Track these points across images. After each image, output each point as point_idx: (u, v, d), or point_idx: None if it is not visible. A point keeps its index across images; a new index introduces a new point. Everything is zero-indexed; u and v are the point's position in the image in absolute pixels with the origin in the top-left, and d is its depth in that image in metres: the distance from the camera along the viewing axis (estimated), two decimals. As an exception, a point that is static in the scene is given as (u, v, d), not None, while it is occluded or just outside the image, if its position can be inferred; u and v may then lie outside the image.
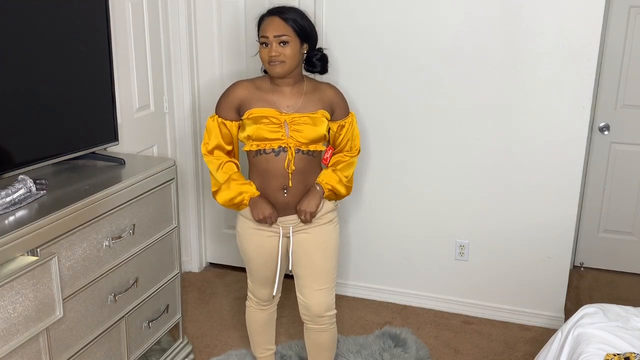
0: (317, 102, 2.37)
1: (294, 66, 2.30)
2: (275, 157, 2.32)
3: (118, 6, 2.91)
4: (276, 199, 2.37)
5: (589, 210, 3.85)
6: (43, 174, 2.30)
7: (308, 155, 2.35)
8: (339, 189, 2.44)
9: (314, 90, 2.39)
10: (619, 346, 2.06)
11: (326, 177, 2.42)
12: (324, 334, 2.53)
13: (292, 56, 2.27)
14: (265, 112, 2.30)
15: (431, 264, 3.40)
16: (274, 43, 2.26)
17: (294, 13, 2.31)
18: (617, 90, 3.61)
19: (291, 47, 2.27)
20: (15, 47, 2.09)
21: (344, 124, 2.44)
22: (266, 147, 2.31)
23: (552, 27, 2.90)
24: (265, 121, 2.29)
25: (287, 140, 2.30)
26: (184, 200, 3.67)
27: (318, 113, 2.35)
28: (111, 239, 2.25)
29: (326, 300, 2.47)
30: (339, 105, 2.43)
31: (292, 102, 2.34)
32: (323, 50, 2.43)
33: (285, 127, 2.30)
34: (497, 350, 3.07)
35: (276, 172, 2.34)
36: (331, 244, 2.48)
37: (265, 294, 2.58)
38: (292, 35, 2.27)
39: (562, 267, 3.20)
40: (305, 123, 2.31)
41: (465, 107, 3.12)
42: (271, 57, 2.26)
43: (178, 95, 3.52)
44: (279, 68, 2.27)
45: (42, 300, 1.90)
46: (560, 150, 3.04)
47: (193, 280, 3.72)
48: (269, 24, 2.28)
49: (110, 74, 2.53)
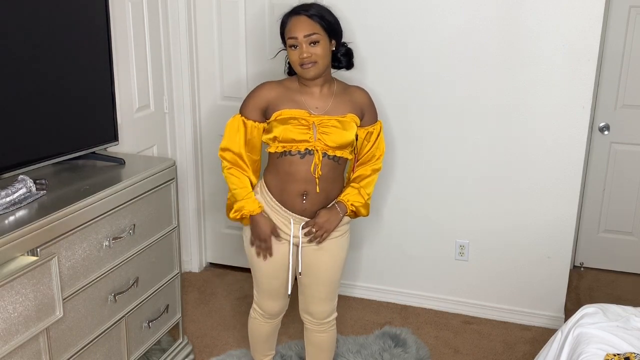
0: (348, 104, 2.27)
1: (325, 66, 2.21)
2: (300, 160, 2.21)
3: (118, 6, 2.91)
4: (294, 205, 2.28)
5: (589, 210, 3.85)
6: (43, 174, 2.30)
7: (333, 160, 2.25)
8: (361, 212, 2.36)
9: (344, 92, 2.30)
10: (619, 346, 2.06)
11: (352, 197, 2.32)
12: (324, 335, 2.53)
13: (324, 55, 2.18)
14: (295, 113, 2.20)
15: (431, 264, 3.40)
16: (304, 44, 2.15)
17: (320, 9, 2.21)
18: (617, 90, 3.61)
19: (322, 46, 2.17)
20: (16, 47, 2.08)
21: (372, 131, 2.34)
22: (292, 148, 2.21)
23: (553, 27, 2.90)
24: (294, 122, 2.19)
25: (315, 143, 2.19)
26: (184, 200, 3.67)
27: (347, 117, 2.25)
28: (111, 239, 2.25)
29: (329, 307, 2.47)
30: (369, 110, 2.33)
31: (321, 104, 2.24)
32: (347, 45, 2.33)
33: (313, 129, 2.20)
34: (497, 350, 3.07)
35: (298, 176, 2.23)
36: (342, 256, 2.41)
37: (272, 307, 2.47)
38: (321, 33, 2.16)
39: (562, 267, 3.20)
40: (333, 126, 2.20)
41: (466, 107, 3.12)
42: (303, 59, 2.15)
43: (178, 95, 3.52)
44: (313, 71, 2.17)
45: (42, 300, 1.90)
46: (560, 150, 3.04)
47: (193, 280, 3.72)
48: (297, 23, 2.16)
49: (110, 74, 2.53)
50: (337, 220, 2.30)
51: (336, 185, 2.34)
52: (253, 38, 3.42)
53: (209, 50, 3.52)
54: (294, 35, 2.16)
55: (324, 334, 2.52)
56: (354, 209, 2.33)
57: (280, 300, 2.46)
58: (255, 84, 3.44)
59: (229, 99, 3.54)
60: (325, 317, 2.47)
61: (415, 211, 3.35)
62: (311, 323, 2.50)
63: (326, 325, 2.50)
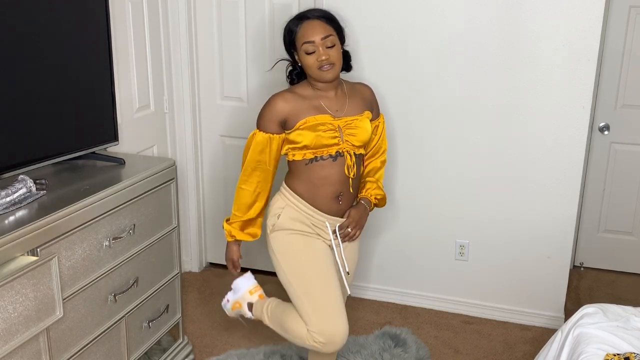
0: (361, 102, 2.32)
1: (340, 68, 2.24)
2: (333, 162, 2.22)
3: (118, 6, 2.91)
4: (330, 208, 2.28)
5: (589, 210, 3.85)
6: (43, 174, 2.30)
7: (358, 158, 2.31)
8: (381, 204, 2.46)
9: (354, 92, 2.34)
10: (619, 346, 2.06)
11: (374, 191, 2.41)
12: None
13: (340, 57, 2.21)
14: (320, 119, 2.20)
15: (431, 264, 3.40)
16: (321, 48, 2.15)
17: (327, 12, 2.24)
18: (617, 90, 3.61)
19: (337, 49, 2.20)
20: (16, 47, 2.08)
21: (378, 124, 2.42)
22: (323, 153, 2.21)
23: (553, 27, 2.90)
24: (323, 128, 2.19)
25: (343, 145, 2.22)
26: (184, 200, 3.67)
27: (364, 114, 2.30)
28: (111, 239, 2.25)
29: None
30: (375, 105, 2.41)
31: (339, 106, 2.26)
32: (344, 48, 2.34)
33: (339, 131, 2.21)
34: (497, 350, 3.07)
35: (332, 179, 2.24)
36: (357, 258, 2.52)
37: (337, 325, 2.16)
38: (335, 36, 2.20)
39: (562, 267, 3.20)
40: (357, 127, 2.24)
41: (466, 107, 3.12)
42: (322, 62, 2.15)
43: (178, 95, 3.52)
44: (332, 73, 2.18)
45: (42, 300, 1.90)
46: (560, 150, 3.04)
47: (193, 280, 3.72)
48: (311, 27, 2.16)
49: (110, 74, 2.53)
50: (366, 215, 2.39)
51: (360, 181, 2.41)
52: (253, 38, 3.42)
53: (209, 50, 3.52)
54: (310, 39, 2.15)
55: None
56: (376, 202, 2.42)
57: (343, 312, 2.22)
58: (255, 84, 3.48)
59: (229, 99, 3.54)
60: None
61: (415, 211, 3.35)
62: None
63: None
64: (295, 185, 2.28)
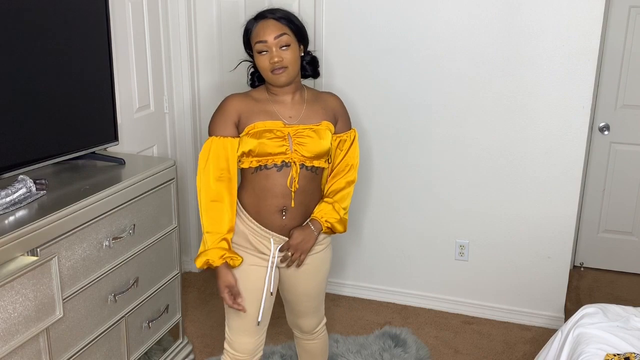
0: (320, 112, 2.15)
1: (296, 72, 2.08)
2: (277, 173, 2.07)
3: (118, 6, 2.91)
4: (272, 223, 2.12)
5: (589, 210, 3.85)
6: (43, 174, 2.30)
7: (311, 172, 2.12)
8: (337, 229, 2.20)
9: (316, 100, 2.17)
10: (619, 346, 2.06)
11: (326, 214, 2.16)
12: (315, 342, 2.46)
13: (294, 60, 2.05)
14: (269, 125, 2.06)
15: (431, 264, 3.40)
16: (274, 48, 2.02)
17: (287, 13, 2.09)
18: (617, 90, 3.61)
19: (292, 50, 2.04)
20: (16, 47, 2.08)
21: (345, 139, 2.21)
22: (268, 162, 2.07)
23: (552, 27, 2.90)
24: (269, 135, 2.05)
25: (291, 155, 2.06)
26: (184, 200, 3.67)
27: (322, 125, 2.13)
28: (111, 239, 2.25)
29: (317, 319, 2.38)
30: (341, 116, 2.21)
31: (294, 113, 2.11)
32: (312, 53, 2.20)
33: (289, 140, 2.06)
34: (497, 350, 3.07)
35: (276, 191, 2.09)
36: (325, 269, 2.28)
37: (247, 343, 2.19)
38: (291, 36, 2.04)
39: (562, 267, 3.20)
40: (309, 136, 2.08)
41: (466, 107, 3.12)
42: (274, 64, 2.02)
43: (178, 95, 3.52)
44: (284, 76, 2.04)
45: (42, 300, 1.90)
46: (560, 150, 3.04)
47: (193, 280, 3.72)
48: (265, 27, 2.03)
49: (110, 74, 2.53)
50: (312, 240, 2.15)
51: (315, 197, 2.20)
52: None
53: (209, 50, 3.52)
54: (262, 39, 2.03)
55: (315, 341, 2.45)
56: (329, 226, 2.17)
57: (255, 333, 2.20)
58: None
59: (229, 99, 3.54)
60: (313, 328, 2.39)
61: (415, 211, 3.35)
62: (301, 334, 2.43)
63: (316, 334, 2.43)
64: (243, 196, 2.15)
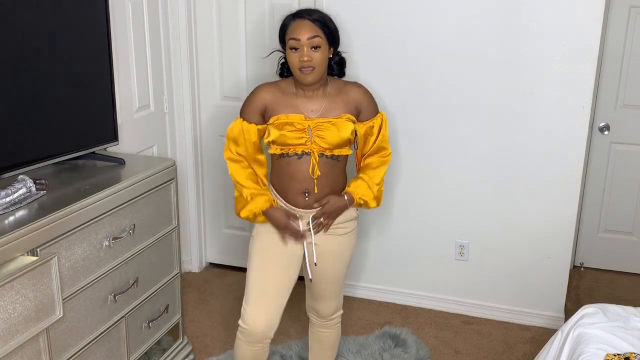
0: (342, 104, 2.29)
1: (323, 72, 2.23)
2: (298, 161, 2.26)
3: (118, 6, 2.91)
4: (297, 202, 2.32)
5: (589, 210, 3.85)
6: (43, 174, 2.30)
7: (332, 159, 2.29)
8: (370, 205, 2.39)
9: (338, 92, 2.31)
10: (619, 346, 2.06)
11: (361, 191, 2.35)
12: (329, 332, 2.58)
13: (323, 62, 2.20)
14: (291, 118, 2.24)
15: (431, 264, 3.40)
16: (305, 47, 2.16)
17: (323, 16, 2.23)
18: (617, 90, 3.61)
19: (322, 52, 2.19)
20: (16, 47, 2.08)
21: (373, 125, 2.35)
22: (289, 151, 2.26)
23: (552, 27, 2.90)
24: (290, 128, 2.23)
25: (311, 146, 2.24)
26: (184, 200, 3.67)
27: (342, 117, 2.27)
28: (111, 239, 2.25)
29: (335, 305, 2.52)
30: (365, 106, 2.34)
31: (316, 107, 2.27)
32: (342, 54, 2.35)
33: (309, 132, 2.24)
34: (497, 350, 3.07)
35: (299, 176, 2.28)
36: (348, 255, 2.44)
37: (259, 318, 2.30)
38: (323, 39, 2.19)
39: (562, 267, 3.20)
40: (327, 129, 2.24)
41: (465, 107, 3.12)
42: (303, 62, 2.16)
43: (178, 95, 3.52)
44: (311, 76, 2.19)
45: (42, 300, 1.90)
46: (560, 150, 3.04)
47: (193, 280, 3.72)
48: (301, 26, 2.18)
49: (110, 74, 2.53)
50: (343, 209, 2.33)
51: (339, 180, 2.37)
52: (253, 38, 3.42)
53: (209, 50, 3.52)
54: (297, 37, 2.17)
55: (329, 331, 2.57)
56: (362, 202, 2.36)
57: (270, 310, 2.32)
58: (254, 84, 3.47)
59: (229, 99, 3.54)
60: (331, 313, 2.52)
61: (415, 211, 3.35)
62: (317, 319, 2.56)
63: (332, 322, 2.55)
64: (273, 177, 2.38)
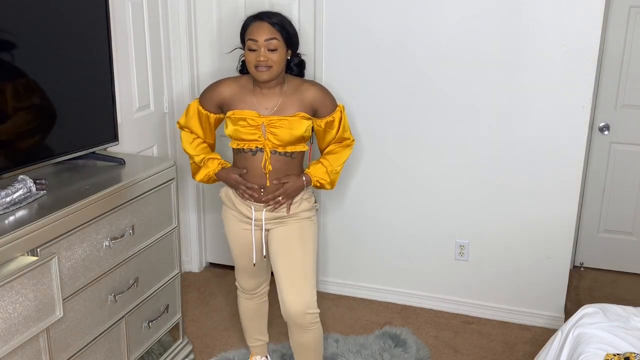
0: (297, 103, 2.38)
1: (279, 71, 2.33)
2: (253, 157, 2.39)
3: (118, 6, 2.91)
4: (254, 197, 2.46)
5: (589, 210, 3.85)
6: (43, 174, 2.30)
7: (286, 156, 2.39)
8: (326, 187, 2.54)
9: (295, 91, 2.40)
10: (619, 346, 2.06)
11: (319, 174, 2.48)
12: (307, 334, 2.45)
13: (279, 62, 2.31)
14: (245, 114, 2.36)
15: (431, 264, 3.40)
16: (262, 48, 2.28)
17: (282, 19, 2.34)
18: (617, 90, 3.61)
19: (279, 53, 2.30)
20: (15, 47, 2.08)
21: (333, 119, 2.45)
22: (244, 146, 2.39)
23: (552, 27, 2.90)
24: (243, 123, 2.35)
25: (264, 142, 2.36)
26: (184, 200, 3.67)
27: (297, 116, 2.37)
28: (111, 239, 2.25)
29: (303, 298, 2.38)
30: (321, 104, 2.42)
31: (271, 104, 2.37)
32: (301, 56, 2.47)
33: (262, 129, 2.35)
34: (497, 350, 3.07)
35: (254, 172, 2.40)
36: (310, 240, 2.48)
37: (248, 283, 2.66)
38: (280, 41, 2.30)
39: (562, 267, 3.20)
40: (280, 127, 2.34)
41: (465, 107, 3.12)
42: (259, 62, 2.28)
43: (178, 95, 3.52)
44: (267, 74, 2.30)
45: (42, 300, 1.90)
46: (560, 150, 3.04)
47: (193, 280, 3.72)
48: (259, 28, 2.29)
49: (110, 74, 2.53)
50: (300, 190, 2.45)
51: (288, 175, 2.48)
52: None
53: (209, 50, 3.52)
54: (255, 38, 2.29)
55: (306, 333, 2.44)
56: (318, 185, 2.51)
57: (253, 277, 2.64)
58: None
59: (229, 99, 3.54)
60: (300, 309, 2.37)
61: (415, 211, 3.35)
62: (291, 320, 2.42)
63: (307, 323, 2.41)
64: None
